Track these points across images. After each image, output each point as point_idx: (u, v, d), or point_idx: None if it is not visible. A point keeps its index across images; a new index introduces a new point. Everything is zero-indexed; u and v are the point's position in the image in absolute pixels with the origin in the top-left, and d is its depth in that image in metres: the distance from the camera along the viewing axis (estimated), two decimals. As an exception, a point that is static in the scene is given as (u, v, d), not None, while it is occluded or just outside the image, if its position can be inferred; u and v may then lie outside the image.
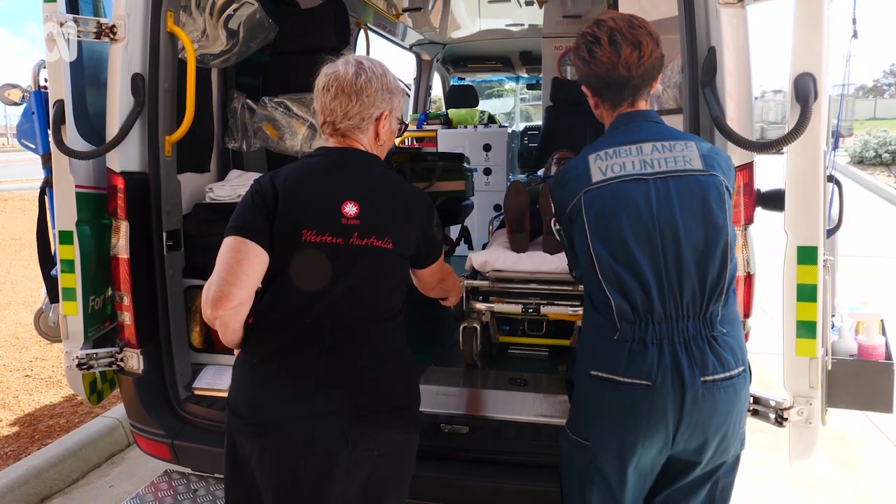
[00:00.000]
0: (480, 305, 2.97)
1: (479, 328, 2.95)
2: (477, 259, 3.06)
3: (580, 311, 2.77)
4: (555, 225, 1.89)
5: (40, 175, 2.66)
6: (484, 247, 3.41)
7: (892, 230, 10.18)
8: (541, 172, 4.26)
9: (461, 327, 2.95)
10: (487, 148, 6.00)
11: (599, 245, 1.65)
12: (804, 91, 1.79)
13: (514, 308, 2.92)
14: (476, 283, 3.02)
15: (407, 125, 2.02)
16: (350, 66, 1.75)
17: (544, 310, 2.88)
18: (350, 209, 1.69)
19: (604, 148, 1.73)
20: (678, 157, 1.67)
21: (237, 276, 1.63)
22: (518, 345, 3.15)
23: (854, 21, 2.20)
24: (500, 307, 2.96)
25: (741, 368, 1.65)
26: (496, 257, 3.03)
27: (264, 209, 1.69)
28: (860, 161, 16.55)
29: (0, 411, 4.16)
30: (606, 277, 1.64)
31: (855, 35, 2.22)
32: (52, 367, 4.93)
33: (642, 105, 1.80)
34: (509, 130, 6.43)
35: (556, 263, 2.89)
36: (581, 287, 2.80)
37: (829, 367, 2.02)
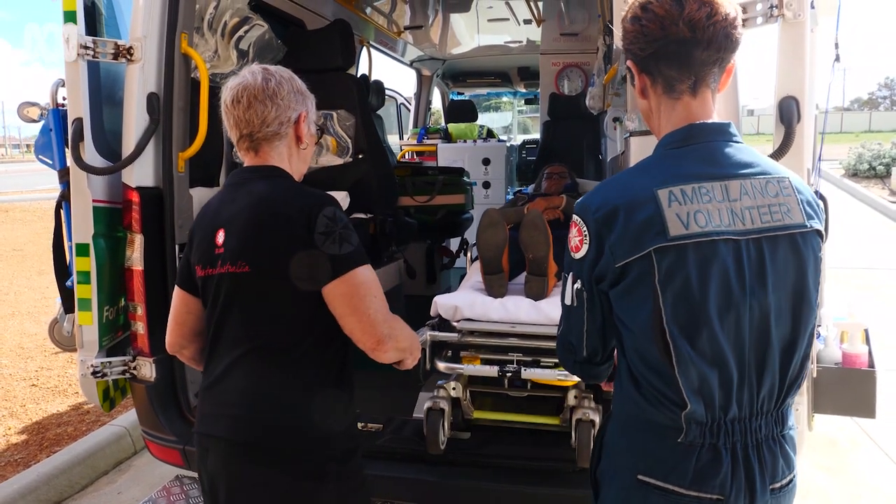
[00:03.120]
0: (445, 366, 2.44)
1: (447, 409, 2.38)
2: (444, 304, 2.53)
3: (575, 377, 2.23)
4: (574, 283, 1.36)
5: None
6: (461, 279, 2.97)
7: (885, 242, 10.31)
8: (530, 188, 4.31)
9: (425, 409, 2.36)
10: (486, 162, 6.12)
11: (678, 331, 1.24)
12: (788, 113, 1.90)
13: (490, 370, 2.41)
14: (441, 335, 2.48)
15: (323, 131, 1.94)
16: (257, 75, 1.67)
17: (526, 373, 2.37)
18: (220, 237, 1.64)
19: (678, 182, 1.26)
20: (774, 205, 1.27)
21: (169, 323, 1.84)
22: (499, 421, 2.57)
23: (836, 45, 2.31)
24: (471, 368, 2.45)
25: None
26: (469, 302, 2.51)
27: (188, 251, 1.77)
28: (854, 174, 16.73)
29: (8, 419, 4.24)
30: (686, 376, 1.24)
31: (837, 59, 2.33)
32: (58, 376, 5.01)
33: (709, 102, 1.34)
34: (508, 144, 6.56)
35: (543, 313, 2.42)
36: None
37: (815, 375, 2.11)
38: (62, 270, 2.80)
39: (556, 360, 2.33)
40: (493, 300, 2.53)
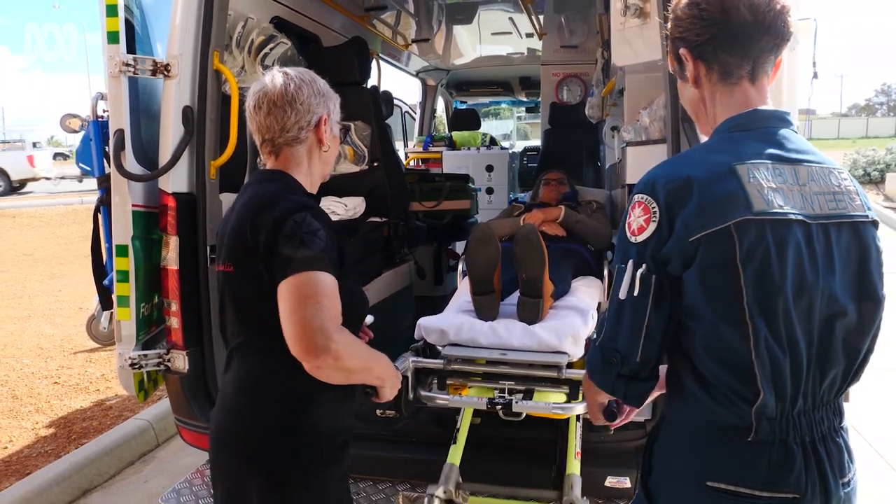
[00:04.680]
0: (428, 396, 2.29)
1: None
2: (429, 327, 2.38)
3: (575, 408, 2.18)
4: (636, 269, 1.24)
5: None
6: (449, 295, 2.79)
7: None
8: (525, 196, 4.43)
9: None
10: (490, 168, 6.34)
11: (758, 312, 1.18)
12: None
13: (478, 401, 2.25)
14: (425, 362, 2.34)
15: (349, 128, 1.88)
16: (277, 79, 1.68)
17: (518, 406, 2.18)
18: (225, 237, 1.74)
19: (755, 159, 1.23)
20: (838, 193, 1.26)
21: None
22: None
23: (814, 64, 2.52)
24: (457, 400, 2.31)
25: None
26: (456, 326, 2.35)
27: None
28: (849, 180, 16.99)
29: (35, 415, 4.44)
30: (761, 361, 1.19)
31: (815, 76, 2.54)
32: (79, 374, 5.20)
33: (765, 89, 1.32)
34: (510, 151, 6.79)
35: (537, 338, 2.26)
36: (569, 373, 2.20)
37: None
38: (99, 270, 3.00)
39: (552, 390, 2.19)
40: (482, 323, 2.36)
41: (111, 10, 2.57)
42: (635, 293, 1.24)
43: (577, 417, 2.33)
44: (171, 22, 2.68)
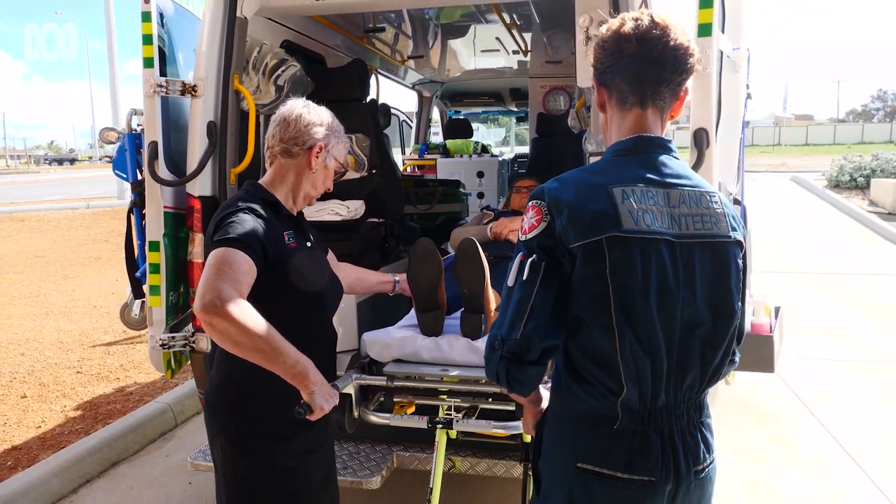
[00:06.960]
0: (377, 418, 2.28)
1: None
2: (373, 341, 2.39)
3: (519, 426, 2.17)
4: (528, 258, 1.36)
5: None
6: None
7: (860, 249, 10.92)
8: (499, 204, 4.77)
9: None
10: (480, 175, 6.77)
11: (625, 322, 1.34)
12: (699, 141, 2.53)
13: (419, 421, 2.23)
14: (368, 379, 2.34)
15: (346, 170, 2.10)
16: (297, 104, 1.99)
17: (460, 425, 2.17)
18: None
19: (628, 182, 1.38)
20: (706, 216, 1.41)
21: None
22: None
23: (748, 86, 2.95)
24: (397, 419, 2.28)
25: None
26: (401, 340, 2.36)
27: None
28: (836, 185, 17.39)
29: (62, 399, 4.85)
30: (626, 364, 1.35)
31: (749, 97, 2.98)
32: (99, 365, 5.61)
33: (656, 118, 1.45)
34: (500, 159, 7.21)
35: (480, 353, 2.22)
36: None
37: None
38: (132, 263, 3.42)
39: (498, 406, 2.17)
40: (425, 338, 2.37)
41: (147, 39, 2.99)
42: (524, 277, 1.36)
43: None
44: (198, 49, 3.11)
